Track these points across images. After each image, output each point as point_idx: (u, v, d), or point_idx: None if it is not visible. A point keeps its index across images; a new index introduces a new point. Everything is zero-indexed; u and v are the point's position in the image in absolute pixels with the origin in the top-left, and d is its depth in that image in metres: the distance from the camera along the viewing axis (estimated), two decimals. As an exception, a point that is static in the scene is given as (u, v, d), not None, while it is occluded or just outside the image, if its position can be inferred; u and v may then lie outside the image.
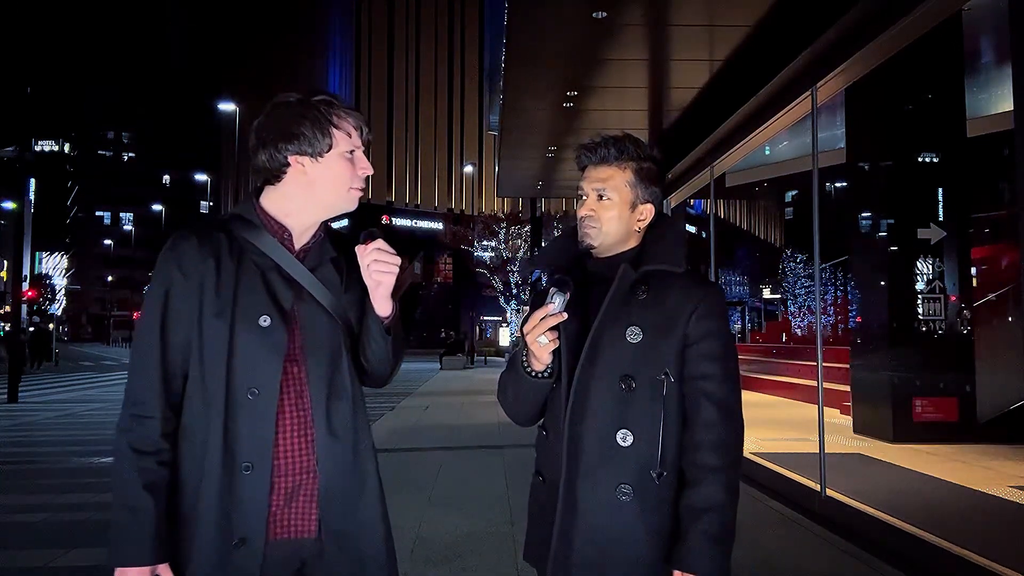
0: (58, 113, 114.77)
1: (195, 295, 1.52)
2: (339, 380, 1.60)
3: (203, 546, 1.49)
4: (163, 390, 1.51)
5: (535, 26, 6.30)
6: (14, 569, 4.48)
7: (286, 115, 1.58)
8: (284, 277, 1.58)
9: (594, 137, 1.72)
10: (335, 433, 1.57)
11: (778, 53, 5.80)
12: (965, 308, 8.13)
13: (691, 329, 1.61)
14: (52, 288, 77.35)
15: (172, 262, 1.53)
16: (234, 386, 1.51)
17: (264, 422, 1.51)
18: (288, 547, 1.56)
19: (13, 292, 17.55)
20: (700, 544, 1.52)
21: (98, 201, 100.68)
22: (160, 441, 1.50)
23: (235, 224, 1.60)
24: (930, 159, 8.34)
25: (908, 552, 4.34)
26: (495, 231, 37.24)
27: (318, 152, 1.57)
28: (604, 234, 1.67)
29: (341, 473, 1.58)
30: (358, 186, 1.63)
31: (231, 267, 1.54)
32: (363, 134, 1.63)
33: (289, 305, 1.57)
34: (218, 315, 1.51)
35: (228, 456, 1.50)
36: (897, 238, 8.30)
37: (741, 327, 37.10)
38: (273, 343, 1.53)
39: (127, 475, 1.48)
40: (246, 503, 1.50)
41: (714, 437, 1.57)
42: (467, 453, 8.25)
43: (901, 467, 6.71)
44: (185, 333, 1.52)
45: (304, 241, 1.64)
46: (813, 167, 5.88)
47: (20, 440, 10.18)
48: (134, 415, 1.50)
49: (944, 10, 4.52)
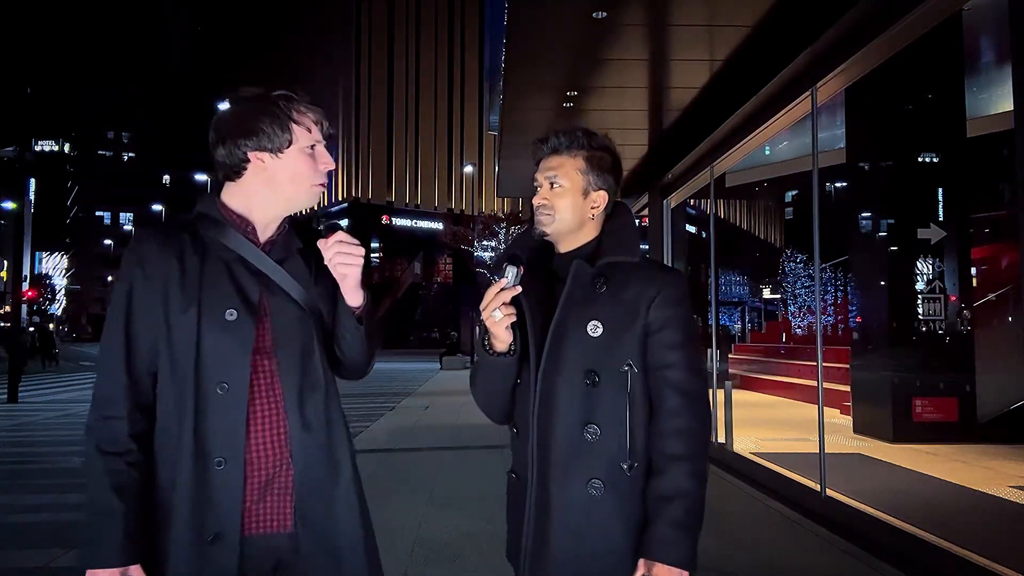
0: (58, 113, 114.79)
1: (159, 293, 1.51)
2: (311, 372, 1.58)
3: (178, 544, 1.48)
4: (129, 390, 1.50)
5: (535, 26, 6.30)
6: (14, 569, 4.49)
7: (245, 110, 1.56)
8: (250, 270, 1.56)
9: (548, 131, 1.75)
10: (308, 426, 1.56)
11: (778, 53, 5.80)
12: (965, 308, 8.13)
13: (651, 318, 1.62)
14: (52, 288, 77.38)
15: (134, 262, 1.53)
16: (203, 381, 1.50)
17: (235, 416, 1.50)
18: (264, 542, 1.54)
19: (13, 292, 17.56)
20: (666, 532, 1.53)
21: (98, 201, 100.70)
22: (128, 441, 1.48)
23: (198, 221, 1.59)
24: (930, 159, 8.35)
25: (908, 552, 4.34)
26: (495, 231, 37.27)
27: (277, 148, 1.56)
28: (558, 221, 1.69)
29: (315, 465, 1.57)
30: (319, 181, 1.62)
31: (195, 263, 1.53)
32: (324, 128, 1.62)
33: (256, 298, 1.55)
34: (184, 311, 1.50)
35: (200, 452, 1.49)
36: (897, 238, 8.30)
37: (741, 327, 37.08)
38: (240, 337, 1.52)
39: (96, 476, 1.47)
40: (220, 498, 1.49)
41: (679, 425, 1.58)
42: (467, 453, 8.25)
43: (901, 467, 6.72)
44: (151, 332, 1.51)
45: (269, 234, 1.62)
46: (813, 167, 5.88)
47: (20, 440, 10.18)
48: (101, 415, 1.49)
49: (944, 10, 4.52)
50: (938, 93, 8.16)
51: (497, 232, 37.12)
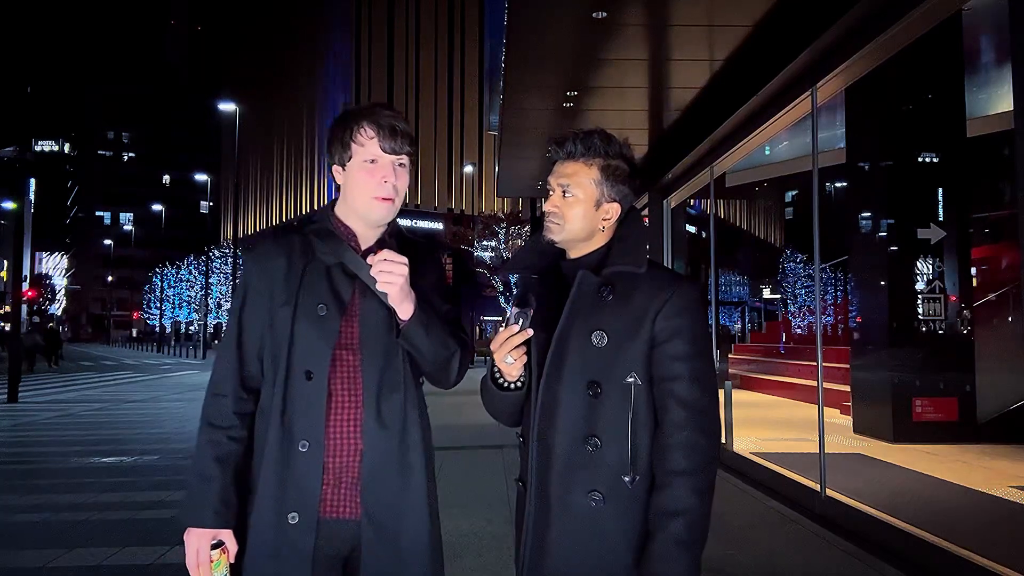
0: (58, 113, 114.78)
1: (267, 288, 1.69)
2: (393, 372, 1.68)
3: (261, 518, 1.61)
4: (237, 372, 1.68)
5: (535, 26, 6.30)
6: (14, 569, 4.48)
7: (331, 129, 1.75)
8: (347, 273, 1.70)
9: (566, 131, 1.72)
10: (383, 422, 1.65)
11: (778, 53, 5.80)
12: (965, 308, 8.12)
13: (657, 329, 1.58)
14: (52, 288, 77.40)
15: (252, 260, 1.75)
16: (292, 367, 1.64)
17: (316, 403, 1.62)
18: (337, 528, 1.63)
19: (13, 292, 17.52)
20: (666, 549, 1.49)
21: (98, 201, 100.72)
22: (232, 417, 1.66)
23: (309, 227, 1.76)
24: (930, 159, 8.34)
25: (908, 552, 4.34)
26: (495, 231, 37.26)
27: (342, 162, 1.71)
28: (566, 231, 1.66)
29: (385, 461, 1.65)
30: (380, 195, 1.69)
31: (299, 264, 1.70)
32: (382, 143, 1.68)
33: (348, 298, 1.68)
34: (284, 305, 1.67)
35: (286, 433, 1.63)
36: (897, 238, 8.30)
37: (741, 327, 37.09)
38: (326, 330, 1.65)
39: (202, 446, 1.65)
40: (301, 480, 1.61)
41: (682, 439, 1.54)
42: (467, 453, 8.25)
43: (901, 467, 6.72)
44: (259, 321, 1.68)
45: (369, 243, 1.75)
46: (813, 167, 5.88)
47: (20, 440, 10.17)
48: (213, 393, 1.68)
49: (944, 10, 4.53)
50: (938, 93, 8.16)
51: (497, 232, 37.10)
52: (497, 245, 36.95)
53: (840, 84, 5.75)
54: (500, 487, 6.35)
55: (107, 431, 10.88)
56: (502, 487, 6.35)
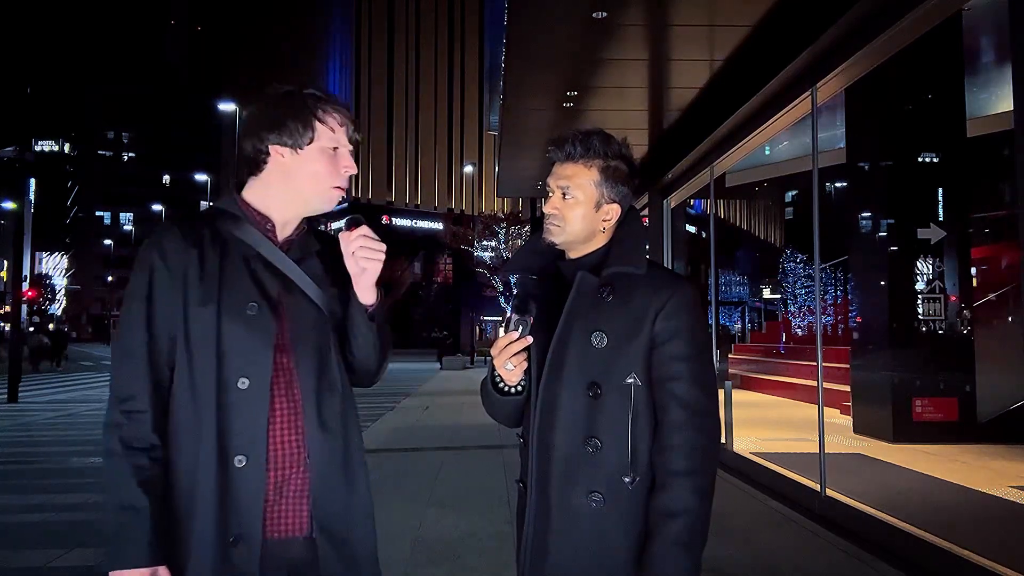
0: (58, 113, 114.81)
1: (179, 286, 1.49)
2: (328, 373, 1.56)
3: (200, 544, 1.44)
4: (152, 384, 1.47)
5: (535, 26, 6.29)
6: (14, 569, 4.48)
7: (272, 105, 1.57)
8: (269, 267, 1.55)
9: (565, 132, 1.70)
10: (326, 427, 1.53)
11: (778, 53, 5.80)
12: (965, 308, 8.12)
13: (657, 330, 1.57)
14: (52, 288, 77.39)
15: (155, 254, 1.50)
16: (224, 376, 1.47)
17: (256, 412, 1.47)
18: (281, 547, 1.51)
19: (13, 292, 17.52)
20: (666, 550, 1.49)
21: (98, 201, 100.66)
22: (153, 436, 1.45)
23: (218, 217, 1.57)
24: (930, 159, 8.34)
25: (908, 552, 4.34)
26: (495, 231, 37.25)
27: (298, 144, 1.55)
28: (567, 232, 1.65)
29: (332, 469, 1.54)
30: (339, 184, 1.59)
31: (214, 257, 1.51)
32: (349, 132, 1.60)
33: (275, 294, 1.54)
34: (203, 304, 1.48)
35: (221, 449, 1.45)
36: (897, 238, 8.30)
37: (741, 327, 37.09)
38: (262, 330, 1.50)
39: (122, 473, 1.42)
40: (241, 498, 1.46)
41: (683, 440, 1.53)
42: (467, 453, 8.25)
43: (901, 467, 6.71)
44: (170, 325, 1.48)
45: (287, 233, 1.61)
46: (813, 167, 5.88)
47: (20, 440, 10.17)
48: (125, 411, 1.45)
49: (944, 10, 4.52)
50: (938, 93, 8.15)
51: (497, 232, 37.10)
52: (497, 245, 36.92)
53: (840, 84, 5.75)
54: (500, 487, 6.35)
55: (107, 431, 10.87)
56: (502, 487, 6.34)
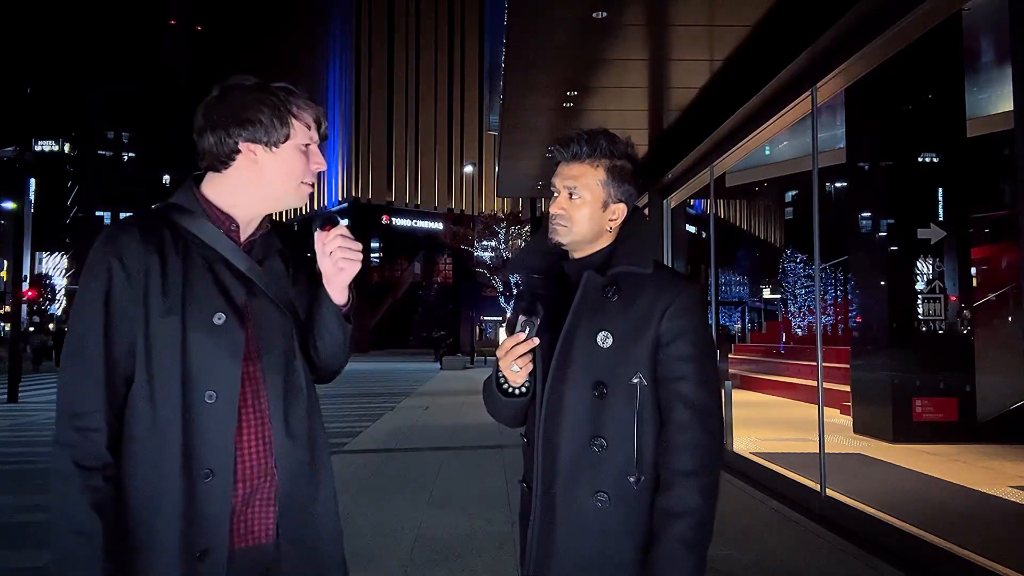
0: (58, 113, 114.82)
1: (139, 294, 1.39)
2: (294, 378, 1.53)
3: (163, 562, 1.38)
4: (108, 399, 1.37)
5: (535, 26, 6.29)
6: (14, 569, 4.48)
7: (242, 98, 1.47)
8: (233, 271, 1.48)
9: (570, 132, 1.69)
10: (292, 434, 1.51)
11: (778, 53, 5.80)
12: (965, 308, 8.13)
13: (663, 330, 1.58)
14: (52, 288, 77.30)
15: (112, 257, 1.39)
16: (190, 389, 1.40)
17: (224, 426, 1.42)
18: (248, 556, 1.48)
19: (13, 292, 17.52)
20: (672, 549, 1.49)
21: (98, 201, 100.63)
22: (106, 455, 1.36)
23: (176, 214, 1.49)
24: (930, 159, 8.34)
25: (908, 552, 4.34)
26: (495, 231, 37.26)
27: (273, 141, 1.48)
28: (574, 233, 1.65)
29: (298, 475, 1.52)
30: (309, 181, 1.55)
31: (177, 261, 1.43)
32: (321, 128, 1.55)
33: (241, 301, 1.48)
34: (167, 314, 1.40)
35: (186, 464, 1.39)
36: (897, 238, 8.30)
37: (741, 327, 37.10)
38: (230, 342, 1.43)
39: (72, 495, 1.33)
40: (207, 512, 1.40)
41: (688, 440, 1.54)
42: (467, 453, 8.25)
43: (901, 467, 6.71)
44: (129, 335, 1.39)
45: (250, 232, 1.55)
46: (813, 167, 5.88)
47: (20, 440, 10.17)
48: (78, 428, 1.35)
49: (944, 10, 4.52)
50: (938, 93, 8.16)
51: (497, 232, 37.10)
52: (497, 245, 36.94)
53: (840, 84, 5.75)
54: (500, 487, 6.35)
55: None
56: (502, 487, 6.34)
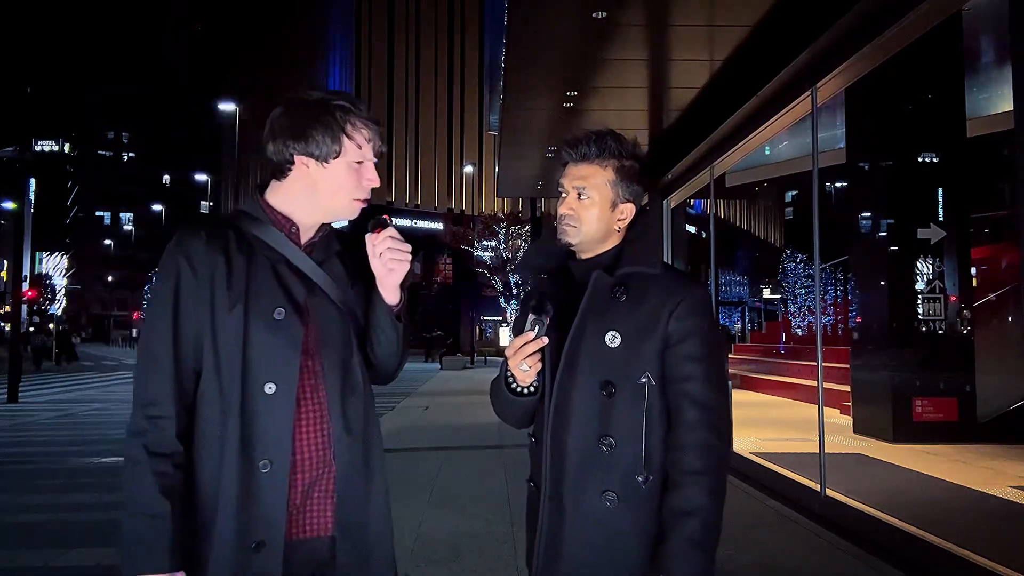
0: (58, 113, 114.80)
1: (206, 291, 1.49)
2: (351, 375, 1.58)
3: (220, 551, 1.44)
4: (177, 389, 1.47)
5: (535, 26, 6.30)
6: (14, 569, 4.48)
7: (301, 113, 1.55)
8: (294, 271, 1.56)
9: (577, 133, 1.69)
10: (350, 430, 1.56)
11: (778, 53, 5.80)
12: (965, 308, 8.12)
13: (671, 330, 1.59)
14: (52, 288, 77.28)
15: (180, 257, 1.50)
16: (250, 381, 1.48)
17: (282, 417, 1.48)
18: (305, 548, 1.53)
19: (13, 292, 17.53)
20: (681, 549, 1.50)
21: (98, 201, 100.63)
22: (176, 443, 1.46)
23: (241, 220, 1.58)
24: (930, 159, 8.34)
25: (908, 552, 4.34)
26: (495, 231, 37.25)
27: (324, 157, 1.54)
28: (583, 233, 1.65)
29: (355, 469, 1.57)
30: (361, 196, 1.61)
31: (241, 262, 1.52)
32: (376, 147, 1.60)
33: (302, 299, 1.55)
34: (231, 309, 1.48)
35: (245, 454, 1.46)
36: (897, 238, 8.30)
37: (741, 327, 37.08)
38: (289, 336, 1.51)
39: (143, 479, 1.43)
40: (264, 503, 1.46)
41: (696, 439, 1.54)
42: (467, 453, 8.25)
43: (901, 467, 6.71)
44: (197, 329, 1.48)
45: (310, 235, 1.62)
46: (813, 167, 5.88)
47: (20, 440, 10.17)
48: (149, 416, 1.46)
49: (944, 10, 4.53)
50: (938, 93, 8.15)
51: (497, 232, 37.09)
52: (497, 245, 36.92)
53: (840, 84, 5.75)
54: (500, 487, 6.35)
55: (107, 431, 10.88)
56: (502, 487, 6.34)
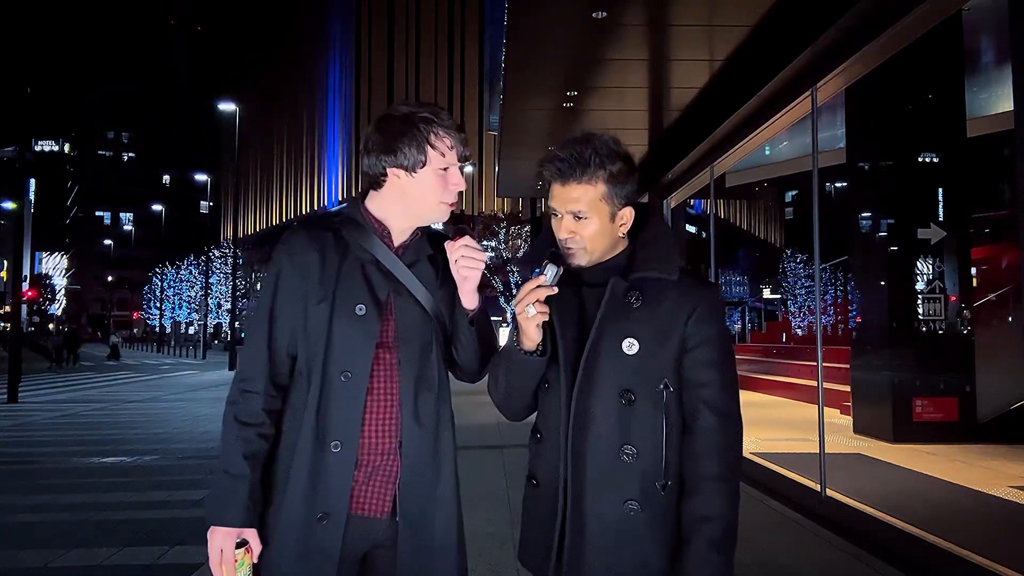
0: (58, 113, 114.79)
1: (301, 283, 1.66)
2: (428, 371, 1.70)
3: (289, 518, 1.61)
4: (268, 368, 1.66)
5: (535, 26, 6.29)
6: (14, 569, 4.48)
7: (389, 129, 1.69)
8: (383, 271, 1.70)
9: (557, 150, 1.63)
10: (420, 420, 1.68)
11: (778, 53, 5.80)
12: (965, 308, 8.12)
13: (688, 335, 1.58)
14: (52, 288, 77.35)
15: (284, 253, 1.70)
16: (329, 368, 1.63)
17: (354, 403, 1.63)
18: (363, 525, 1.65)
19: (13, 292, 17.52)
20: (704, 553, 1.51)
21: (98, 201, 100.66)
22: (262, 415, 1.64)
23: (341, 222, 1.74)
24: (930, 159, 8.34)
25: (908, 552, 4.34)
26: (495, 231, 37.27)
27: (412, 167, 1.68)
28: (590, 252, 1.63)
29: (421, 459, 1.68)
30: (448, 200, 1.73)
31: (335, 260, 1.68)
32: (459, 153, 1.73)
33: (385, 296, 1.69)
34: (320, 302, 1.65)
35: (319, 433, 1.62)
36: (897, 238, 8.30)
37: (741, 327, 37.09)
38: (366, 330, 1.65)
39: (231, 443, 1.62)
40: (332, 479, 1.61)
41: (713, 444, 1.55)
42: (467, 453, 8.25)
43: (901, 467, 6.71)
44: (291, 317, 1.66)
45: (403, 239, 1.75)
46: (813, 167, 5.88)
47: (20, 440, 10.17)
48: (242, 389, 1.65)
49: (944, 10, 4.52)
50: (938, 93, 8.15)
51: (497, 232, 37.11)
52: (497, 245, 36.95)
53: (840, 84, 5.75)
54: (500, 487, 6.35)
55: (107, 431, 10.88)
56: (502, 487, 6.34)
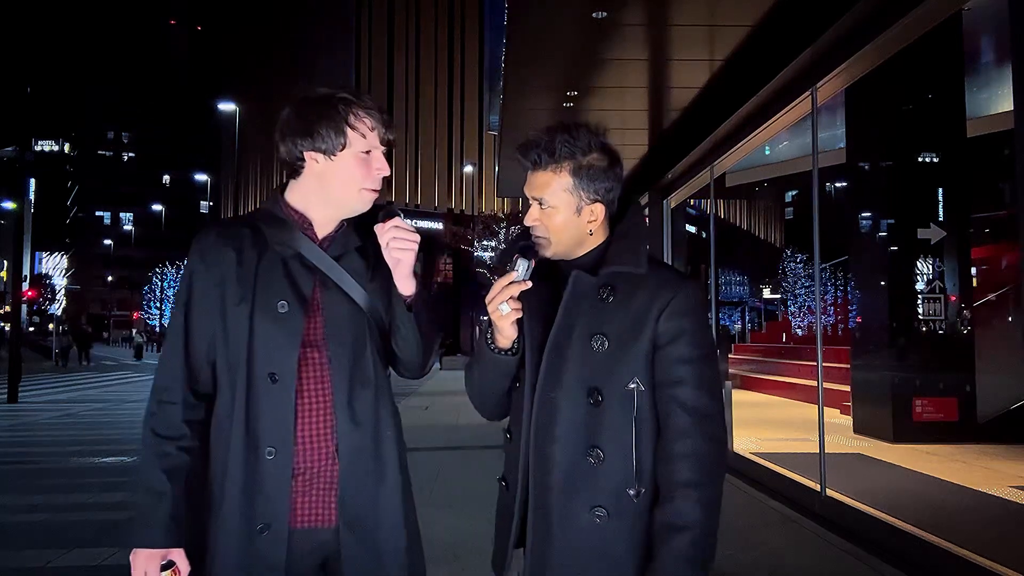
0: (58, 113, 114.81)
1: (217, 285, 1.56)
2: (362, 367, 1.60)
3: (227, 532, 1.51)
4: (186, 377, 1.56)
5: (535, 26, 6.30)
6: (14, 569, 4.48)
7: (306, 111, 1.59)
8: (306, 266, 1.60)
9: (530, 135, 1.58)
10: (356, 420, 1.57)
11: (778, 53, 5.80)
12: (965, 308, 8.12)
13: (660, 331, 1.47)
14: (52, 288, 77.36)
15: (196, 254, 1.60)
16: (254, 371, 1.54)
17: (284, 406, 1.53)
18: (309, 537, 1.56)
19: (13, 292, 17.53)
20: (671, 566, 1.40)
21: (98, 201, 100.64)
22: (182, 426, 1.54)
23: (260, 218, 1.64)
24: (930, 159, 8.34)
25: (908, 552, 4.34)
26: (495, 231, 37.28)
27: (331, 150, 1.58)
28: (554, 244, 1.55)
29: (361, 462, 1.58)
30: (371, 187, 1.62)
31: (252, 257, 1.58)
32: (381, 134, 1.62)
33: (309, 292, 1.59)
34: (238, 303, 1.55)
35: (251, 440, 1.52)
36: (897, 238, 8.30)
37: (741, 327, 37.09)
38: (290, 328, 1.55)
39: (148, 458, 1.52)
40: (269, 488, 1.52)
41: (688, 448, 1.43)
42: (467, 453, 8.24)
43: (901, 467, 6.71)
44: (209, 322, 1.56)
45: (327, 231, 1.65)
46: (813, 167, 5.88)
47: (20, 440, 10.17)
48: (159, 401, 1.56)
49: (944, 10, 4.52)
50: (938, 93, 8.15)
51: (497, 232, 37.13)
52: (497, 245, 36.94)
53: (840, 84, 5.75)
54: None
55: (107, 431, 10.88)
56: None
